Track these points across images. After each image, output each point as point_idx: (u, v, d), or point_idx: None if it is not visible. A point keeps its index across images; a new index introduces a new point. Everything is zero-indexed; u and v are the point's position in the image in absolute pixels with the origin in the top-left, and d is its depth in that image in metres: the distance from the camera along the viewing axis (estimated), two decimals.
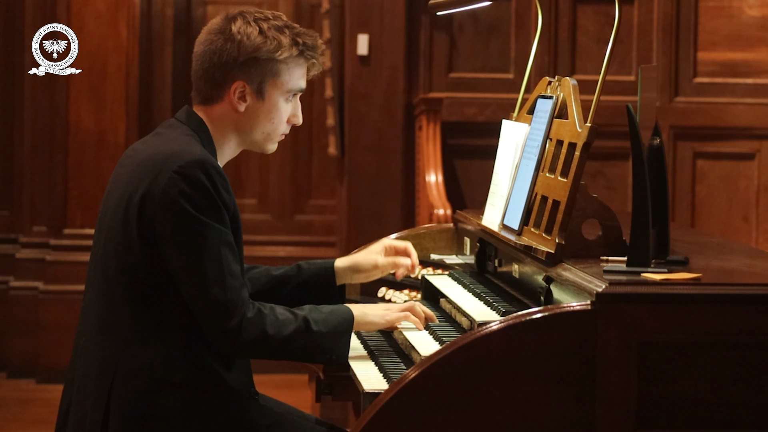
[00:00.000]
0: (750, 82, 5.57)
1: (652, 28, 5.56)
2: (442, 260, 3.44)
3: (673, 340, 2.32)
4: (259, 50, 2.64)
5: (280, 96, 2.69)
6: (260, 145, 2.74)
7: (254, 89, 2.66)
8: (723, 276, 2.60)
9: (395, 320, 2.81)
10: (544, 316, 2.33)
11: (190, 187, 2.52)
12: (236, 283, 2.54)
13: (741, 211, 5.55)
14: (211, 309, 2.52)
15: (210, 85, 2.67)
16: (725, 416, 2.33)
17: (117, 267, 2.58)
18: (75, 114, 6.35)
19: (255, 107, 2.68)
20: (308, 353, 2.65)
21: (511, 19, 5.53)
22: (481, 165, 5.32)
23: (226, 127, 2.69)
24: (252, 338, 2.54)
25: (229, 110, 2.68)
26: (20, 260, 6.49)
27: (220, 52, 2.64)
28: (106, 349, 2.57)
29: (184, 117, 2.70)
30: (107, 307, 2.59)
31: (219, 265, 2.51)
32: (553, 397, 2.32)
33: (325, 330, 2.64)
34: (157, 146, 2.63)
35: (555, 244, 2.62)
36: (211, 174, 2.54)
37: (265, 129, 2.70)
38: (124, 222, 2.57)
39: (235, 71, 2.65)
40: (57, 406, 2.70)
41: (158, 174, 2.54)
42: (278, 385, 5.48)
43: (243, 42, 2.64)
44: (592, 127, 2.65)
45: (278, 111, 2.69)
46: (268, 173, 6.73)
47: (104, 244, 2.63)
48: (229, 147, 2.72)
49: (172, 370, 2.54)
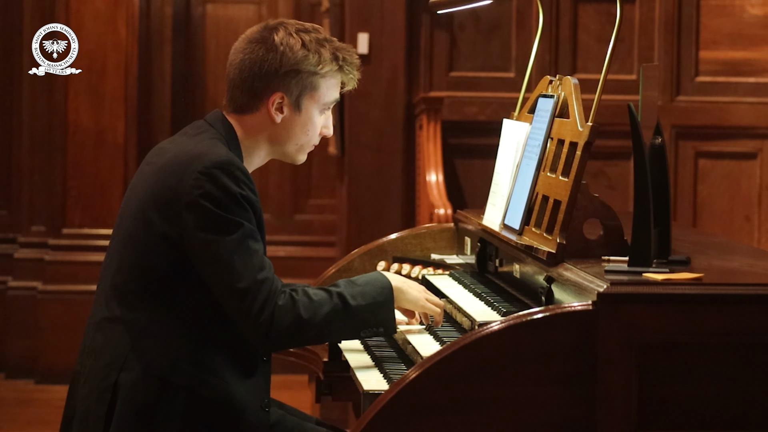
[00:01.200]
0: (752, 81, 5.56)
1: (653, 26, 5.55)
2: (443, 260, 3.44)
3: (675, 341, 2.31)
4: (301, 63, 2.64)
5: (315, 109, 2.70)
6: (291, 156, 2.75)
7: (292, 101, 2.67)
8: (725, 276, 2.60)
9: (429, 309, 2.80)
10: (546, 316, 2.32)
11: (215, 188, 2.52)
12: (266, 274, 2.52)
13: (743, 210, 5.54)
14: (241, 302, 2.50)
15: (247, 95, 2.66)
16: (727, 417, 2.33)
17: (134, 264, 2.57)
18: (74, 113, 6.34)
19: (291, 119, 2.68)
20: (352, 330, 2.62)
21: (512, 17, 5.52)
22: (481, 164, 5.31)
23: (258, 137, 2.69)
24: (286, 326, 2.52)
25: (264, 121, 2.68)
26: (19, 260, 6.48)
27: (261, 62, 2.64)
28: (115, 344, 2.57)
29: (215, 120, 2.69)
30: (120, 302, 2.58)
31: (247, 258, 2.51)
32: (554, 398, 2.32)
33: (365, 303, 2.62)
34: (184, 146, 2.62)
35: (556, 244, 2.61)
36: (237, 175, 2.54)
37: (299, 141, 2.71)
38: (147, 220, 2.57)
39: (275, 82, 2.65)
40: (56, 406, 2.70)
41: (183, 174, 2.54)
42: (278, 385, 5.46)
43: (286, 53, 2.64)
44: (593, 127, 2.65)
45: (313, 123, 2.71)
46: (267, 172, 6.72)
47: (122, 240, 2.62)
48: (259, 156, 2.72)
49: (177, 372, 2.53)
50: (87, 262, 6.22)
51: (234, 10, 6.74)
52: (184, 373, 2.53)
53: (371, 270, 3.47)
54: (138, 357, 2.54)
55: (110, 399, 2.54)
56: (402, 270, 3.45)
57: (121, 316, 2.57)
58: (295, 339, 2.58)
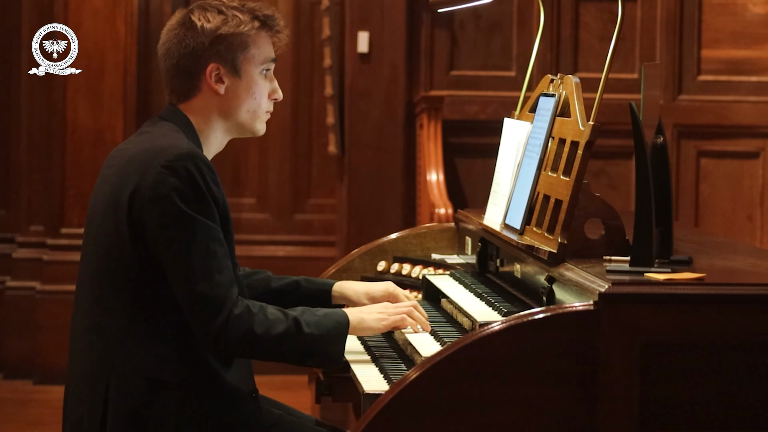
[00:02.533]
0: (754, 79, 5.55)
1: (655, 25, 5.54)
2: (444, 260, 3.44)
3: (677, 341, 2.31)
4: (222, 28, 2.65)
5: (255, 70, 2.69)
6: (249, 126, 2.73)
7: (229, 68, 2.67)
8: (727, 276, 2.60)
9: (392, 325, 2.79)
10: (547, 316, 2.32)
11: (179, 181, 2.51)
12: (224, 279, 2.52)
13: (745, 210, 5.53)
14: (197, 305, 2.50)
15: (184, 78, 2.67)
16: (730, 418, 2.32)
17: (108, 267, 2.57)
18: (72, 112, 6.33)
19: (234, 86, 2.68)
20: (299, 356, 2.62)
21: (513, 16, 5.52)
22: (482, 164, 5.31)
23: (210, 116, 2.69)
24: (238, 337, 2.51)
25: (210, 97, 2.67)
26: (17, 260, 6.47)
27: (186, 41, 2.65)
28: (100, 350, 2.56)
29: (169, 114, 2.69)
30: (100, 308, 2.58)
31: (207, 262, 2.50)
32: (555, 399, 2.31)
33: (318, 333, 2.61)
34: (144, 143, 2.62)
35: (557, 244, 2.61)
36: (200, 167, 2.53)
37: (249, 106, 2.70)
38: (115, 221, 2.56)
39: (205, 55, 2.65)
40: (54, 406, 2.69)
41: (146, 170, 2.53)
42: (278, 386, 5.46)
43: (205, 25, 2.65)
44: (594, 126, 2.64)
45: (257, 85, 2.70)
46: (267, 172, 6.71)
47: (94, 246, 2.61)
48: (216, 137, 2.71)
49: (167, 369, 2.53)
50: None
51: None
52: (173, 369, 2.53)
53: (371, 270, 3.47)
54: (125, 360, 2.53)
55: (102, 407, 2.53)
56: (402, 270, 3.45)
57: (103, 322, 2.57)
58: (244, 351, 2.57)
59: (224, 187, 2.62)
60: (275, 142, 6.65)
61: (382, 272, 3.47)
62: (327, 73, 5.83)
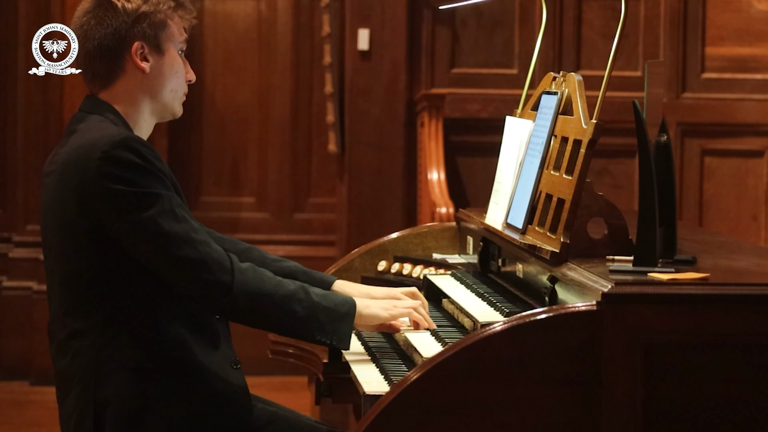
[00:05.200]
0: (759, 77, 5.54)
1: (659, 22, 5.53)
2: (445, 260, 3.45)
3: (681, 342, 2.30)
4: (143, 6, 2.65)
5: (174, 48, 2.70)
6: (170, 106, 2.71)
7: (152, 46, 2.66)
8: (732, 276, 2.59)
9: (398, 315, 2.78)
10: (549, 316, 2.31)
11: (120, 169, 2.50)
12: (203, 237, 2.52)
13: (750, 209, 5.52)
14: (191, 270, 2.49)
15: (108, 59, 2.65)
16: (734, 419, 2.31)
17: (74, 272, 2.56)
18: (69, 111, 6.31)
19: (159, 64, 2.67)
20: (307, 325, 2.59)
21: (515, 13, 5.51)
22: (484, 162, 5.29)
23: (135, 98, 2.67)
24: (248, 289, 2.51)
25: (134, 78, 2.66)
26: (13, 260, 6.46)
27: (107, 20, 2.64)
28: (82, 357, 2.56)
29: (91, 106, 2.68)
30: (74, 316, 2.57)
31: (181, 227, 2.50)
32: (558, 400, 2.30)
33: (326, 304, 2.60)
34: (75, 142, 2.60)
35: (560, 243, 2.60)
36: (137, 148, 2.52)
37: (172, 85, 2.69)
38: (67, 227, 2.55)
39: (129, 34, 2.64)
40: (51, 408, 2.69)
41: (85, 168, 2.52)
42: (278, 387, 5.46)
43: (126, 6, 2.64)
44: (597, 124, 2.64)
45: (178, 63, 2.70)
46: (266, 171, 6.70)
47: (55, 256, 2.60)
48: (144, 120, 2.70)
49: (150, 357, 2.52)
50: None
51: (232, 6, 6.71)
52: (157, 357, 2.52)
53: (372, 270, 3.48)
54: (107, 361, 2.53)
55: (93, 410, 2.53)
56: (403, 270, 3.45)
57: (80, 329, 2.56)
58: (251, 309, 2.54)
59: (223, 187, 2.62)
60: (275, 140, 6.63)
61: (382, 272, 3.47)
62: (327, 71, 5.82)
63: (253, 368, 2.73)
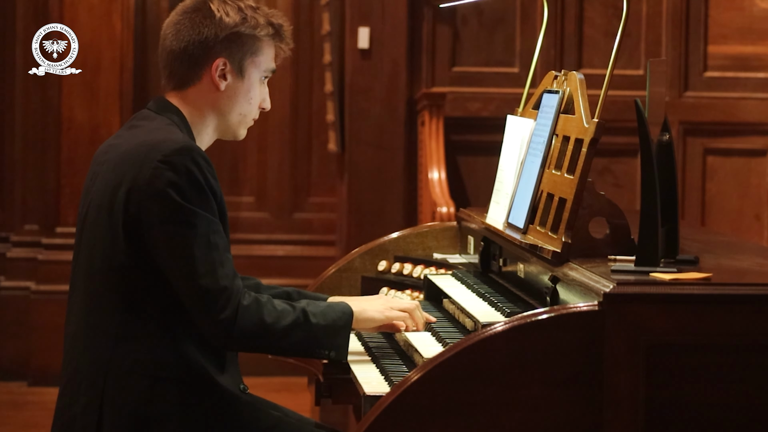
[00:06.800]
0: (762, 76, 5.54)
1: (661, 20, 5.53)
2: (445, 259, 3.45)
3: (683, 342, 2.29)
4: (240, 26, 2.65)
5: (257, 75, 2.70)
6: (234, 129, 2.72)
7: (235, 66, 2.66)
8: (734, 276, 2.58)
9: (394, 318, 2.78)
10: (550, 317, 2.30)
11: (177, 176, 2.50)
12: (227, 272, 2.52)
13: (753, 208, 5.52)
14: (203, 299, 2.49)
15: (188, 65, 2.65)
16: (736, 420, 2.30)
17: (102, 265, 2.55)
18: (67, 109, 6.31)
19: (235, 86, 2.67)
20: (306, 347, 2.62)
21: (517, 11, 5.51)
22: (485, 162, 5.28)
23: (203, 109, 2.68)
24: (249, 327, 2.52)
25: (208, 90, 2.66)
26: (11, 259, 6.46)
27: (200, 28, 2.64)
28: (95, 349, 2.54)
29: (160, 107, 2.68)
30: (94, 307, 2.56)
31: (209, 254, 2.49)
32: (559, 401, 2.30)
33: (324, 323, 2.62)
34: (137, 138, 2.60)
35: (561, 243, 2.60)
36: (198, 161, 2.52)
37: (242, 110, 2.70)
38: (109, 218, 2.54)
39: (216, 48, 2.64)
40: (49, 409, 2.67)
41: (142, 165, 2.52)
42: (277, 388, 5.45)
43: (224, 18, 2.64)
44: (599, 123, 2.64)
45: (255, 91, 2.71)
46: (266, 170, 6.69)
47: (88, 244, 2.59)
48: (207, 133, 2.70)
49: (164, 366, 2.52)
50: None
51: None
52: (170, 365, 2.52)
53: (372, 270, 3.47)
54: (121, 359, 2.52)
55: (99, 406, 2.51)
56: (403, 270, 3.44)
57: (98, 322, 2.55)
58: (254, 344, 2.57)
59: (222, 186, 2.62)
60: (274, 139, 6.62)
61: (382, 272, 3.46)
62: (327, 70, 5.82)
63: (253, 369, 2.73)
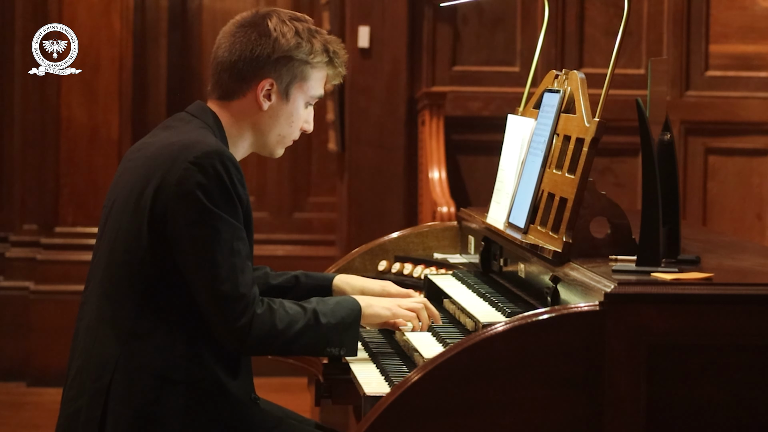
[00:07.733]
0: (763, 75, 5.54)
1: (662, 19, 5.53)
2: (446, 259, 3.45)
3: (684, 342, 2.29)
4: (294, 50, 2.66)
5: (302, 100, 2.70)
6: (271, 147, 2.73)
7: (281, 89, 2.67)
8: (736, 276, 2.58)
9: (401, 316, 2.78)
10: (551, 317, 2.30)
11: (206, 179, 2.50)
12: (247, 279, 2.53)
13: (754, 208, 5.51)
14: (220, 305, 2.50)
15: (235, 79, 2.66)
16: (738, 421, 2.30)
17: (123, 260, 2.55)
18: (66, 109, 6.31)
19: (278, 107, 2.68)
20: (317, 346, 2.63)
21: (517, 10, 5.51)
22: (485, 161, 5.28)
23: (243, 125, 2.69)
24: (262, 335, 2.53)
25: (250, 107, 2.67)
26: (10, 259, 6.46)
27: (254, 46, 2.64)
28: (106, 344, 2.54)
29: (197, 111, 2.68)
30: (110, 301, 2.56)
31: (231, 261, 2.50)
32: (560, 401, 2.29)
33: (334, 322, 2.63)
34: (170, 138, 2.61)
35: (562, 243, 2.59)
36: (228, 166, 2.52)
37: (282, 131, 2.71)
38: (135, 214, 2.55)
39: (267, 68, 2.65)
40: (49, 409, 2.67)
41: (173, 165, 2.52)
42: (277, 388, 5.44)
43: (279, 40, 2.65)
44: (600, 122, 2.63)
45: (298, 115, 2.71)
46: (266, 170, 6.69)
47: (110, 238, 2.60)
48: (243, 146, 2.71)
49: (174, 367, 2.52)
50: (80, 261, 6.15)
51: (231, 2, 6.70)
52: (180, 367, 2.52)
53: (372, 270, 3.47)
54: (131, 356, 2.52)
55: (104, 401, 2.51)
56: (404, 270, 3.44)
57: (112, 316, 2.55)
58: (267, 348, 2.59)
59: None
60: None
61: (383, 272, 3.47)
62: None
63: (253, 369, 2.72)
